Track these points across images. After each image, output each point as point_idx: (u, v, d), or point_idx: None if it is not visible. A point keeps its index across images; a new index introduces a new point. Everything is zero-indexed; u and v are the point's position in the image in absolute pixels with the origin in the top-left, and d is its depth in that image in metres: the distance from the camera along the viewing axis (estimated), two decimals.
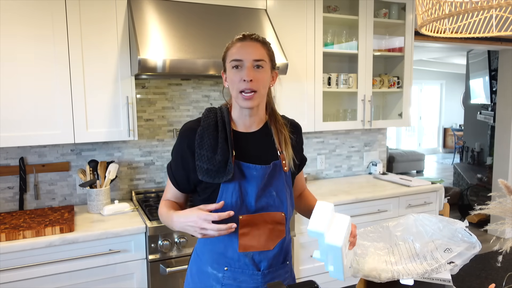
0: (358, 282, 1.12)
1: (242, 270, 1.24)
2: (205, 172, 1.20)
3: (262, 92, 1.23)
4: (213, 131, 1.24)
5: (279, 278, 1.28)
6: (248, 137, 1.29)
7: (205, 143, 1.22)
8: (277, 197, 1.28)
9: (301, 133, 1.42)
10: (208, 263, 1.27)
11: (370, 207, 2.66)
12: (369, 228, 1.17)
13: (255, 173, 1.24)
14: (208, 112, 1.30)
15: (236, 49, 1.22)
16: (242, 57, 1.20)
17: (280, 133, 1.30)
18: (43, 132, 2.03)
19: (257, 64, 1.21)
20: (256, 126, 1.31)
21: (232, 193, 1.22)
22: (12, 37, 1.93)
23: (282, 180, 1.29)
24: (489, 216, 4.23)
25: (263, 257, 1.24)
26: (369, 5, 2.83)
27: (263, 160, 1.27)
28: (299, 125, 1.43)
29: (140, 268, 2.02)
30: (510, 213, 1.14)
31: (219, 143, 1.22)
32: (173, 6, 2.21)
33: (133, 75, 2.18)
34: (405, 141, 10.62)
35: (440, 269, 1.01)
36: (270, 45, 1.28)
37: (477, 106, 5.57)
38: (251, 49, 1.21)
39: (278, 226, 1.26)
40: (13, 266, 1.79)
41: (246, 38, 1.24)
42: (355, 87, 2.90)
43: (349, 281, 1.56)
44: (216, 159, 1.20)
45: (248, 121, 1.29)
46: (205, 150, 1.21)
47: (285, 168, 1.29)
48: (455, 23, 1.24)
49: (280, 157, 1.29)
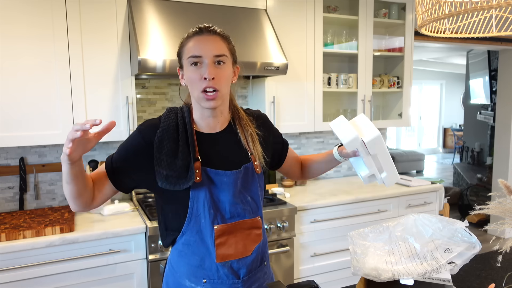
0: (358, 282, 1.12)
1: (222, 281, 1.17)
2: (165, 178, 1.09)
3: (225, 91, 1.14)
4: (173, 133, 1.13)
5: (258, 281, 1.23)
6: (213, 138, 1.19)
7: (165, 146, 1.11)
8: (253, 201, 1.21)
9: (268, 121, 1.34)
10: (185, 276, 1.18)
11: (370, 207, 2.66)
12: (369, 228, 1.17)
13: (225, 179, 1.15)
14: (169, 112, 1.18)
15: (193, 43, 1.12)
16: (201, 53, 1.09)
17: (246, 131, 1.22)
18: (43, 132, 2.03)
19: (218, 60, 1.11)
20: (221, 127, 1.21)
21: (203, 202, 1.13)
22: (12, 39, 1.94)
23: (256, 183, 1.22)
24: (489, 216, 4.23)
25: (241, 264, 1.18)
26: (369, 5, 2.83)
27: (232, 163, 1.18)
28: (264, 114, 1.34)
29: (140, 268, 2.02)
30: (510, 213, 1.14)
31: (179, 146, 1.12)
32: (173, 6, 2.21)
33: (133, 75, 2.18)
34: (405, 141, 10.62)
35: (440, 269, 1.01)
36: (229, 38, 1.18)
37: (477, 106, 5.57)
38: (210, 43, 1.10)
39: (254, 231, 1.21)
40: (13, 266, 1.79)
41: (203, 31, 1.13)
42: (355, 87, 2.90)
43: (349, 281, 1.56)
44: (177, 164, 1.10)
45: (211, 122, 1.19)
46: (164, 155, 1.10)
47: (258, 169, 1.21)
48: (455, 23, 1.24)
49: (251, 158, 1.21)
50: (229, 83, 1.17)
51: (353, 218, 2.60)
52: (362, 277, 1.08)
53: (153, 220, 2.07)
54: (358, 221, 2.60)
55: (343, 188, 2.84)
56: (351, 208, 2.58)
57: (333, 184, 2.98)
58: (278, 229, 2.30)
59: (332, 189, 2.82)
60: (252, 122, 1.26)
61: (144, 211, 2.23)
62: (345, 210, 2.56)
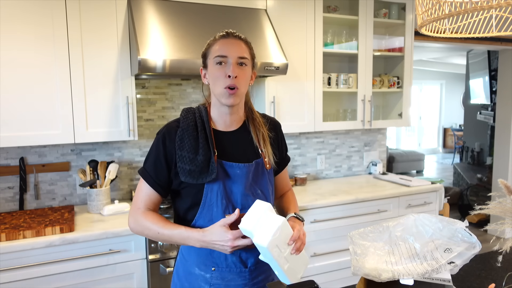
0: (359, 282, 1.12)
1: (230, 269, 1.24)
2: (188, 173, 1.19)
3: (243, 90, 1.24)
4: (193, 131, 1.23)
5: (265, 273, 1.29)
6: (228, 136, 1.28)
7: (186, 144, 1.21)
8: (262, 194, 1.29)
9: (281, 130, 1.43)
10: (195, 264, 1.26)
11: (370, 207, 2.66)
12: (369, 228, 1.17)
13: (238, 172, 1.24)
14: (187, 112, 1.28)
15: (219, 45, 1.22)
16: (227, 53, 1.20)
17: (258, 131, 1.31)
18: (43, 132, 2.03)
19: (241, 62, 1.21)
20: (236, 125, 1.31)
21: (217, 193, 1.21)
22: (12, 39, 1.93)
23: (266, 178, 1.31)
24: (489, 216, 4.23)
25: (250, 254, 1.25)
26: (369, 5, 2.83)
27: (245, 158, 1.27)
28: (278, 122, 1.44)
29: (140, 268, 2.02)
30: (510, 213, 1.14)
31: (199, 143, 1.21)
32: (173, 6, 2.21)
33: (133, 75, 2.18)
34: (405, 141, 10.62)
35: (440, 269, 1.01)
36: (251, 44, 1.29)
37: (477, 106, 5.57)
38: (235, 46, 1.21)
39: None
40: (13, 266, 1.79)
41: (229, 35, 1.24)
42: (355, 87, 2.90)
43: (349, 281, 1.56)
44: (198, 159, 1.19)
45: (228, 120, 1.28)
46: (186, 152, 1.20)
47: (267, 165, 1.31)
48: (455, 23, 1.24)
49: (261, 155, 1.30)
50: (247, 85, 1.27)
51: (353, 218, 2.60)
52: (362, 277, 1.08)
53: None
54: (358, 221, 2.60)
55: (343, 188, 2.84)
56: (351, 208, 2.58)
57: (333, 184, 2.98)
58: None
59: (332, 189, 2.82)
60: (265, 124, 1.35)
61: None
62: (345, 210, 2.56)
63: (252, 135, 1.31)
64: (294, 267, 1.16)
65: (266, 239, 1.06)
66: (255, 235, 1.08)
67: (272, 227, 1.08)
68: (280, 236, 1.10)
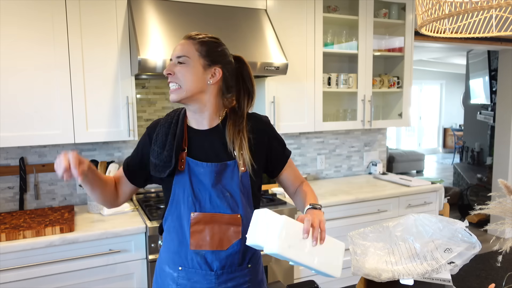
0: (359, 282, 1.12)
1: (195, 270, 1.23)
2: (154, 167, 1.25)
3: (187, 87, 1.20)
4: (167, 128, 1.28)
5: (236, 280, 1.25)
6: (201, 134, 1.29)
7: (158, 139, 1.26)
8: (231, 198, 1.24)
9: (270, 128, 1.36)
10: (165, 262, 1.28)
11: (370, 207, 2.66)
12: (369, 228, 1.17)
13: (202, 170, 1.24)
14: (172, 111, 1.34)
15: None
16: (171, 56, 1.25)
17: (235, 137, 1.25)
18: (43, 132, 2.03)
19: (178, 61, 1.22)
20: (208, 124, 1.28)
21: (183, 189, 1.24)
22: (12, 36, 1.93)
23: (237, 181, 1.25)
24: (489, 216, 4.23)
25: (215, 257, 1.22)
26: (369, 5, 2.83)
27: (214, 157, 1.25)
28: (265, 120, 1.37)
29: (140, 268, 2.02)
30: (510, 213, 1.14)
31: (168, 139, 1.26)
32: (173, 6, 2.21)
33: (133, 75, 2.18)
34: (405, 141, 10.62)
35: (440, 269, 1.01)
36: (206, 42, 1.24)
37: (477, 106, 5.57)
38: (178, 47, 1.24)
39: (233, 228, 1.23)
40: (13, 266, 1.79)
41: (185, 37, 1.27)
42: (355, 87, 2.90)
43: (349, 281, 1.56)
44: (163, 154, 1.23)
45: (198, 118, 1.29)
46: (156, 146, 1.26)
47: (242, 168, 1.25)
48: (455, 23, 1.24)
49: (235, 157, 1.25)
50: (196, 83, 1.21)
51: (353, 218, 2.60)
52: (362, 277, 1.08)
53: (153, 220, 2.07)
54: (358, 221, 2.60)
55: (343, 188, 2.84)
56: (351, 208, 2.58)
57: (333, 184, 2.98)
58: None
59: (332, 189, 2.82)
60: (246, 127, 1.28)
61: (144, 211, 2.23)
62: (345, 210, 2.56)
63: (227, 138, 1.26)
64: (326, 259, 1.05)
65: (274, 245, 0.98)
66: (263, 245, 1.01)
67: (274, 230, 1.00)
68: (288, 235, 1.01)
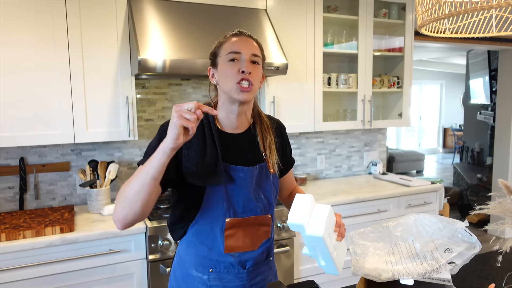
0: (359, 282, 1.11)
1: (228, 270, 1.22)
2: (195, 175, 1.15)
3: (256, 88, 1.19)
4: (200, 131, 1.18)
5: (263, 274, 1.28)
6: (234, 138, 1.25)
7: (193, 143, 1.16)
8: (265, 199, 1.26)
9: (286, 133, 1.41)
10: (192, 266, 1.24)
11: (370, 207, 2.66)
12: (369, 228, 1.17)
13: (242, 175, 1.21)
14: None
15: (232, 43, 1.19)
16: (240, 50, 1.17)
17: (265, 138, 1.27)
18: (43, 132, 2.03)
19: (253, 60, 1.18)
20: (242, 128, 1.27)
21: (218, 196, 1.18)
22: (12, 36, 1.93)
23: (270, 182, 1.28)
24: (489, 216, 4.23)
25: (248, 257, 1.23)
26: (369, 5, 2.83)
27: (249, 162, 1.24)
28: (283, 125, 1.41)
29: (140, 268, 2.02)
30: (510, 213, 1.14)
31: (207, 144, 1.17)
32: (173, 6, 2.21)
33: (133, 75, 2.18)
34: (405, 141, 10.62)
35: (440, 269, 1.01)
36: (262, 46, 1.27)
37: (477, 106, 5.57)
38: (248, 43, 1.19)
39: (264, 228, 1.25)
40: (13, 266, 1.79)
41: (242, 33, 1.22)
42: (355, 87, 2.90)
43: (349, 281, 1.56)
44: (206, 161, 1.15)
45: (235, 122, 1.24)
46: (193, 152, 1.15)
47: (271, 170, 1.27)
48: (455, 23, 1.24)
49: (265, 159, 1.27)
50: (259, 84, 1.23)
51: (353, 218, 2.60)
52: (362, 277, 1.08)
53: (153, 220, 2.07)
54: (358, 221, 2.60)
55: (343, 188, 2.84)
56: (351, 208, 2.58)
57: (333, 184, 2.98)
58: (278, 229, 2.30)
59: (332, 189, 2.82)
60: (272, 128, 1.32)
61: None
62: (345, 210, 2.56)
63: (259, 140, 1.27)
64: (340, 255, 1.12)
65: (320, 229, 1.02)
66: (306, 227, 1.04)
67: (322, 216, 1.05)
68: (329, 224, 1.06)
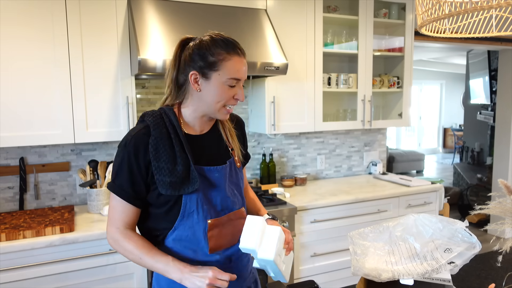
0: (359, 282, 1.12)
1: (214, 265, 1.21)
2: (168, 185, 1.12)
3: None
4: (167, 139, 1.15)
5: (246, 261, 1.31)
6: (200, 139, 1.24)
7: (162, 154, 1.13)
8: (238, 193, 1.29)
9: (244, 128, 1.42)
10: None
11: (370, 207, 2.66)
12: (369, 228, 1.17)
13: (217, 175, 1.21)
14: (154, 118, 1.17)
15: (236, 65, 1.15)
16: (242, 77, 1.17)
17: (225, 126, 1.30)
18: (43, 132, 2.03)
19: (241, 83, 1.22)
20: (208, 128, 1.28)
21: (196, 200, 1.17)
22: (12, 37, 1.93)
23: (239, 177, 1.31)
24: (489, 216, 4.23)
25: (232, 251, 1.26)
26: (369, 5, 2.83)
27: (219, 160, 1.25)
28: (242, 120, 1.42)
29: (140, 268, 2.02)
30: (510, 213, 1.14)
31: (176, 152, 1.14)
32: (173, 6, 2.21)
33: (133, 75, 2.18)
34: (405, 141, 10.62)
35: (440, 269, 1.01)
36: None
37: (477, 106, 5.57)
38: (246, 68, 1.19)
39: (241, 221, 1.24)
40: (13, 266, 1.79)
41: (242, 53, 1.18)
42: (355, 87, 2.90)
43: (349, 281, 1.56)
44: (178, 170, 1.13)
45: (206, 125, 1.26)
46: (163, 162, 1.12)
47: (238, 164, 1.31)
48: (455, 23, 1.24)
49: (232, 153, 1.29)
50: None
51: (353, 218, 2.60)
52: (362, 277, 1.08)
53: None
54: (358, 221, 2.60)
55: (343, 188, 2.84)
56: (351, 208, 2.58)
57: (333, 184, 2.98)
58: None
59: (332, 189, 2.82)
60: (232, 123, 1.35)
61: None
62: (345, 210, 2.56)
63: (221, 131, 1.29)
64: (287, 265, 1.22)
65: (271, 253, 1.10)
66: (258, 251, 1.11)
67: (272, 239, 1.12)
68: (279, 245, 1.14)
